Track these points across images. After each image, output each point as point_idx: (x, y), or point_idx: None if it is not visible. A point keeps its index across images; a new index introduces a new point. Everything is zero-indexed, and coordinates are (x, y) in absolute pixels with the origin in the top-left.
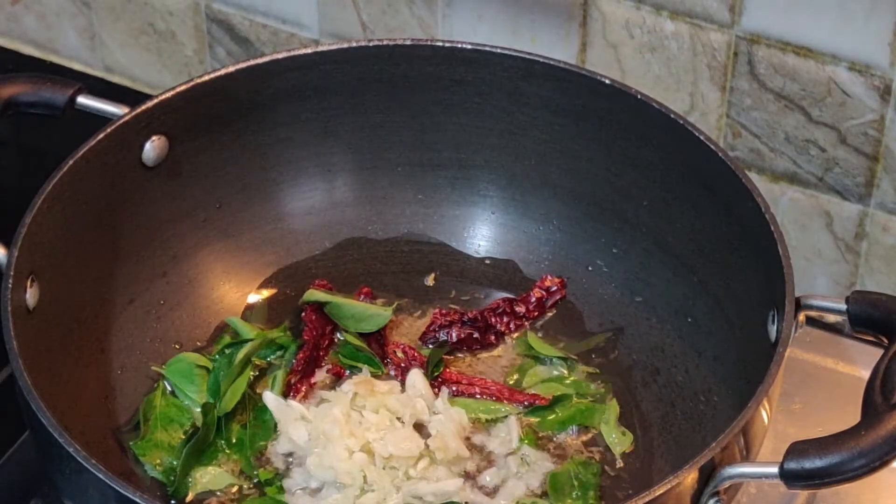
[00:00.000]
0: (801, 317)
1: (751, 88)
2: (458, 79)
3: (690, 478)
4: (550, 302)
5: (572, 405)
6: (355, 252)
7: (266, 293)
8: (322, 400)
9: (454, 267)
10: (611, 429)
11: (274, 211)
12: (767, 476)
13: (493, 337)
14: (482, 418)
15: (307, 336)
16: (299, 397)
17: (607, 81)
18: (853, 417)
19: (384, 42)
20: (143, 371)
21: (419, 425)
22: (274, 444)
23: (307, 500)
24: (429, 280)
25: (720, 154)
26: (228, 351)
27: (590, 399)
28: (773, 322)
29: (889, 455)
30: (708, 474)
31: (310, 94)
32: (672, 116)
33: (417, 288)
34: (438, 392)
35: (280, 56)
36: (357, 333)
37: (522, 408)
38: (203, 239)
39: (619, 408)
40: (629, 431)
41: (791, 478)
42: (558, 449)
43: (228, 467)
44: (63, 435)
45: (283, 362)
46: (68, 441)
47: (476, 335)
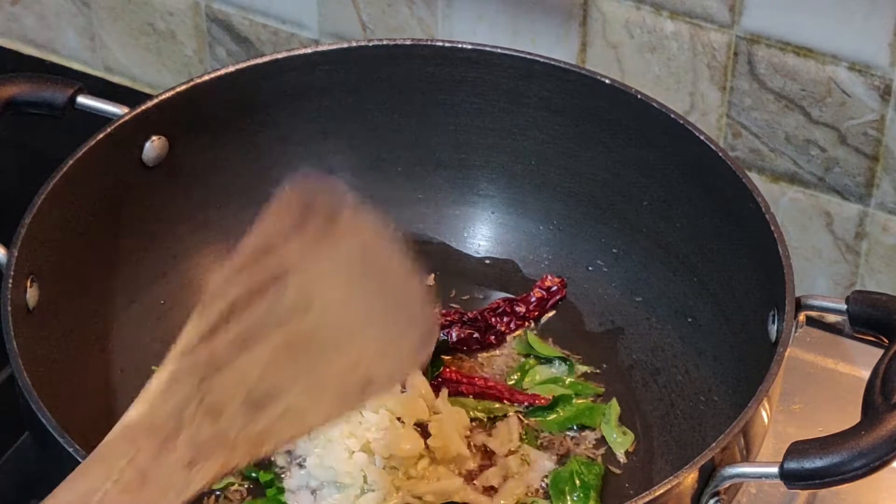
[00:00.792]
0: (802, 317)
1: (751, 88)
2: (458, 79)
3: (690, 478)
4: (550, 302)
5: (573, 405)
6: None
7: None
8: None
9: (454, 267)
10: (612, 429)
11: None
12: (767, 476)
13: (493, 337)
14: (482, 418)
15: None
16: None
17: (607, 81)
18: (853, 417)
19: (384, 42)
20: (143, 371)
21: (420, 425)
22: None
23: (307, 500)
24: (429, 280)
25: (720, 154)
26: None
27: (590, 399)
28: (774, 322)
29: (889, 455)
30: (708, 474)
31: (310, 94)
32: (672, 116)
33: None
34: (438, 392)
35: (280, 56)
36: None
37: (523, 408)
38: (203, 239)
39: (619, 408)
40: (630, 431)
41: (791, 478)
42: (559, 449)
43: None
44: (63, 435)
45: None
46: (68, 441)
47: (476, 335)
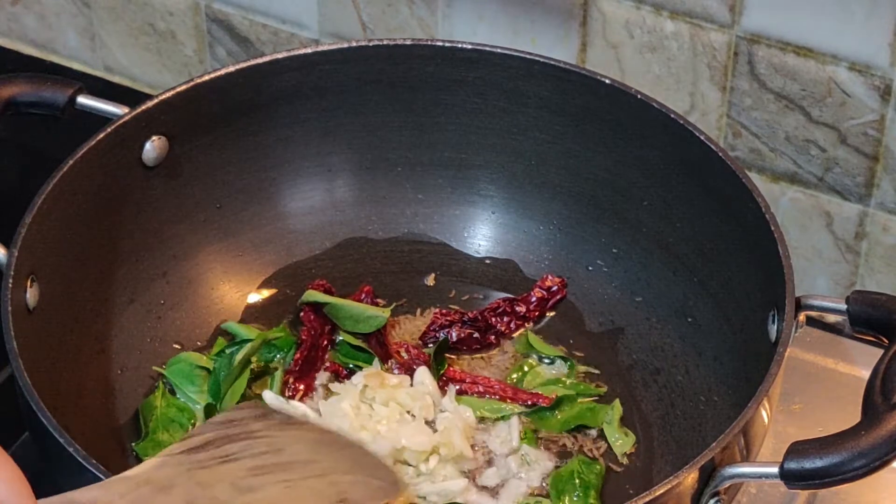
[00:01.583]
0: (802, 317)
1: (751, 88)
2: (458, 79)
3: (691, 478)
4: (551, 302)
5: (575, 405)
6: (355, 252)
7: (266, 293)
8: (331, 393)
9: (454, 267)
10: (614, 430)
11: (274, 211)
12: (768, 476)
13: (494, 337)
14: (489, 417)
15: (305, 336)
16: (298, 396)
17: (607, 81)
18: (853, 417)
19: (384, 42)
20: (143, 371)
21: (426, 423)
22: None
23: None
24: (429, 280)
25: (720, 154)
26: (228, 352)
27: (591, 399)
28: (774, 322)
29: (889, 455)
30: (708, 474)
31: (310, 94)
32: (672, 116)
33: (417, 288)
34: (444, 390)
35: (280, 56)
36: (356, 334)
37: (525, 407)
38: (203, 239)
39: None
40: (631, 433)
41: (791, 478)
42: (559, 449)
43: None
44: (63, 435)
45: (282, 362)
46: (68, 441)
47: (476, 335)
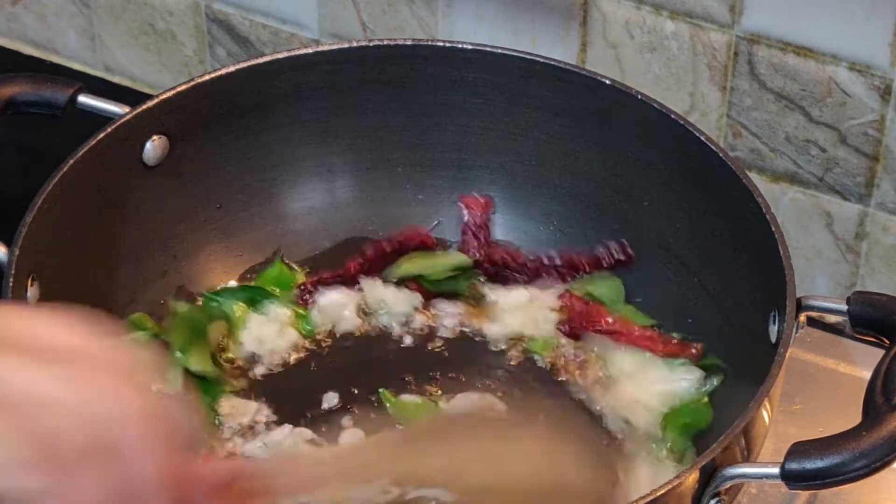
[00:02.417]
0: (802, 317)
1: (751, 88)
2: (458, 79)
3: (691, 478)
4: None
5: None
6: (355, 252)
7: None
8: None
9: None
10: None
11: (274, 211)
12: (768, 477)
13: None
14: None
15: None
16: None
17: (607, 81)
18: (854, 418)
19: (384, 42)
20: None
21: None
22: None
23: None
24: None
25: (720, 154)
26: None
27: None
28: (774, 323)
29: (890, 456)
30: (709, 475)
31: (310, 94)
32: (672, 116)
33: None
34: None
35: (280, 56)
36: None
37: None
38: (203, 239)
39: None
40: None
41: (792, 478)
42: None
43: None
44: None
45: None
46: None
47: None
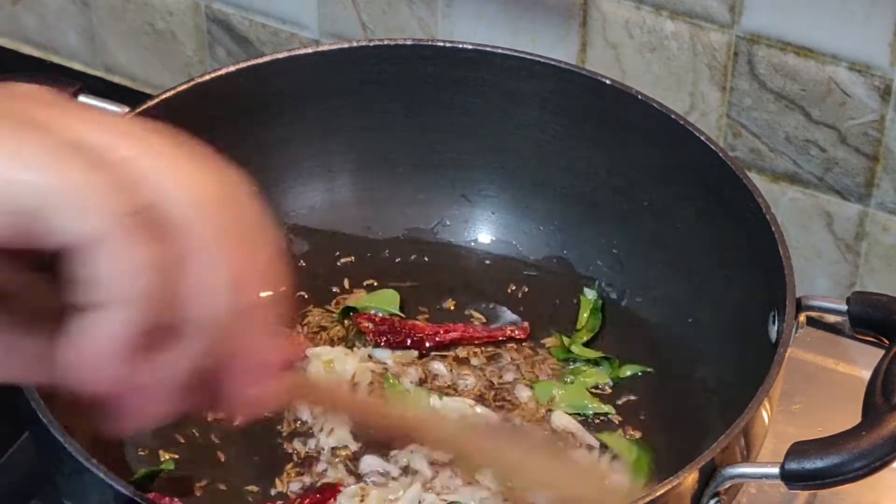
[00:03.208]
0: (802, 317)
1: (751, 88)
2: (458, 79)
3: (691, 478)
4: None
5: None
6: (355, 252)
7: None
8: None
9: (454, 267)
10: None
11: (274, 211)
12: (768, 476)
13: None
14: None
15: None
16: None
17: (607, 81)
18: (854, 418)
19: (384, 42)
20: None
21: None
22: None
23: None
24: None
25: (720, 154)
26: None
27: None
28: (774, 322)
29: (890, 456)
30: (708, 475)
31: (310, 94)
32: (672, 116)
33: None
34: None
35: (280, 56)
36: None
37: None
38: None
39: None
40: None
41: (792, 478)
42: None
43: None
44: (63, 435)
45: None
46: (68, 441)
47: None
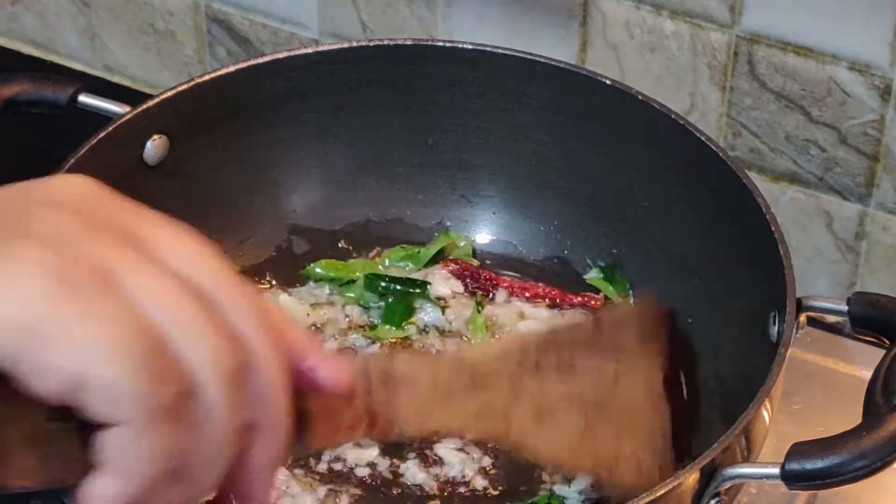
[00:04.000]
0: (803, 318)
1: (751, 88)
2: (459, 79)
3: (691, 478)
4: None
5: None
6: (355, 252)
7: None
8: None
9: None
10: None
11: (274, 211)
12: (768, 477)
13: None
14: None
15: None
16: None
17: (608, 82)
18: (854, 418)
19: (384, 42)
20: None
21: None
22: None
23: None
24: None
25: (720, 154)
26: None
27: None
28: (774, 323)
29: (890, 456)
30: (709, 475)
31: (310, 94)
32: (672, 116)
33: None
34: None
35: (280, 56)
36: None
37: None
38: (203, 239)
39: None
40: None
41: (792, 478)
42: None
43: None
44: None
45: None
46: None
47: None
